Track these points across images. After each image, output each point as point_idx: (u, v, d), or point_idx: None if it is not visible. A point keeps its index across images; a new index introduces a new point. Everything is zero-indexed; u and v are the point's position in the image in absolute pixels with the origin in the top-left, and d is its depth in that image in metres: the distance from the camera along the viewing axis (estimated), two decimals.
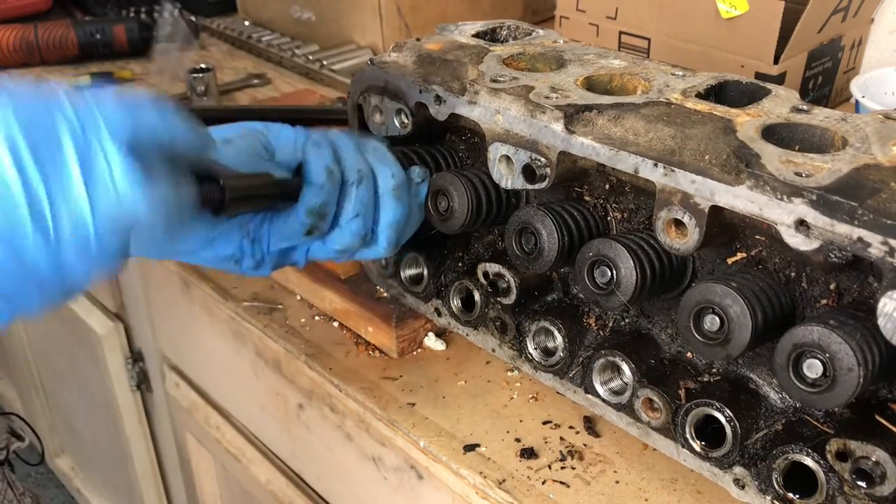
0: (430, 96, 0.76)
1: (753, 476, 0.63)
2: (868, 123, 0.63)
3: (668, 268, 0.65)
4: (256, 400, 1.08)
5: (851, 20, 1.32)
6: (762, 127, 0.63)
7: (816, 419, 0.62)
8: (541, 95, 0.69)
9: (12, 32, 1.62)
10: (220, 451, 1.26)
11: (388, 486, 0.89)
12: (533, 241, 0.69)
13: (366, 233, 0.71)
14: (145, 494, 1.77)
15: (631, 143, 0.64)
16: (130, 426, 1.65)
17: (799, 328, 0.55)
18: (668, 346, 0.71)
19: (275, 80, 1.58)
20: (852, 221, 0.52)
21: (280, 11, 1.76)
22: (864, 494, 0.57)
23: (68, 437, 2.19)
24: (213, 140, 0.63)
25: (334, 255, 0.72)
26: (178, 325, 1.23)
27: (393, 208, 0.72)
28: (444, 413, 0.81)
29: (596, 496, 0.71)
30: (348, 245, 0.71)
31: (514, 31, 0.89)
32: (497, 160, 0.71)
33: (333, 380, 0.87)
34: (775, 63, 1.21)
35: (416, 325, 0.89)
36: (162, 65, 1.42)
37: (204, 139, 0.61)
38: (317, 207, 0.67)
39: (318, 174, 0.67)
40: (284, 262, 0.72)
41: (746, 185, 0.56)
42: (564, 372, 0.75)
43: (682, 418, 0.66)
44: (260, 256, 0.70)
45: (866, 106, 1.17)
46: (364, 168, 0.70)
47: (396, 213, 0.72)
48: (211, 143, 0.63)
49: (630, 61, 0.78)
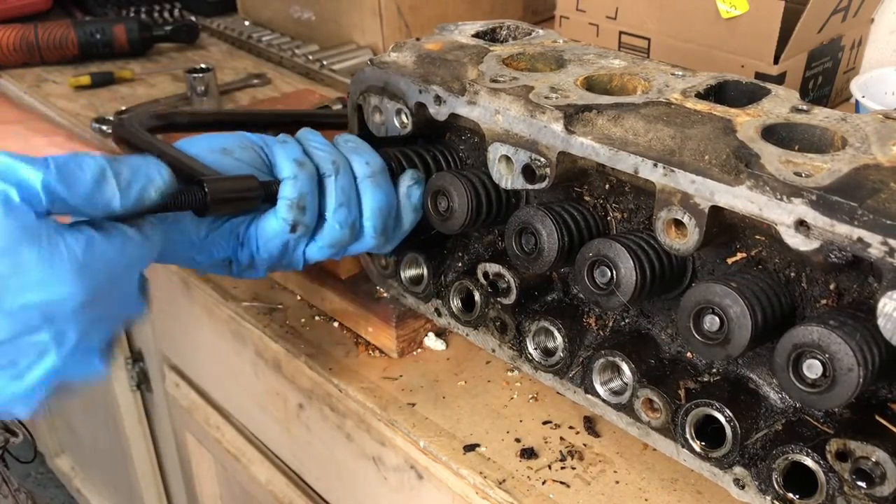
0: (429, 96, 0.76)
1: (753, 476, 0.63)
2: (868, 123, 0.63)
3: (667, 268, 0.65)
4: (256, 400, 1.08)
5: (851, 20, 1.32)
6: (762, 127, 0.63)
7: (816, 419, 0.62)
8: (540, 95, 0.69)
9: (12, 32, 1.62)
10: (220, 451, 1.26)
11: (388, 486, 0.89)
12: (533, 241, 0.69)
13: (353, 221, 0.72)
14: (145, 494, 1.77)
15: (631, 143, 0.64)
16: (130, 426, 1.66)
17: (799, 328, 0.55)
18: (668, 346, 0.71)
19: (275, 80, 1.59)
20: (852, 222, 0.52)
21: (280, 11, 1.76)
22: (864, 495, 0.57)
23: (68, 436, 2.20)
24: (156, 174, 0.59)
25: (328, 253, 0.73)
26: (178, 325, 1.23)
27: (373, 195, 0.72)
28: (444, 413, 0.81)
29: (596, 496, 0.71)
30: (339, 237, 0.72)
31: (513, 31, 0.89)
32: (497, 160, 0.71)
33: (333, 380, 0.87)
34: (775, 63, 1.21)
35: (416, 325, 0.89)
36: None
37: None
38: (294, 200, 0.68)
39: (288, 168, 0.68)
40: (280, 264, 0.73)
41: (746, 186, 0.56)
42: (564, 372, 0.75)
43: (682, 418, 0.66)
44: (250, 258, 0.71)
45: (866, 106, 1.17)
46: (338, 158, 0.71)
47: (378, 200, 0.73)
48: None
49: (630, 61, 0.78)
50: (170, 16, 1.93)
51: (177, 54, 1.74)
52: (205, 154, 0.70)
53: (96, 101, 1.52)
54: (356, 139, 0.76)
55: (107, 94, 1.55)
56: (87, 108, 1.48)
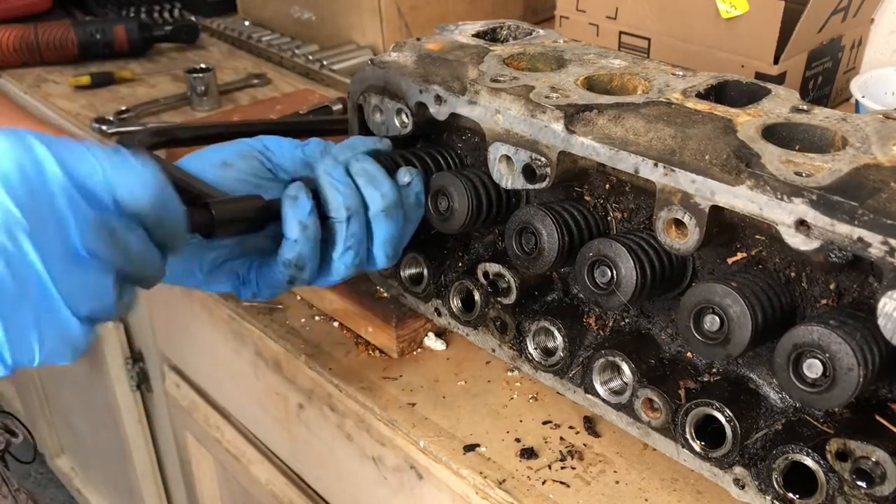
0: (430, 96, 0.76)
1: (753, 476, 0.63)
2: (868, 123, 0.63)
3: (668, 268, 0.65)
4: (256, 400, 1.08)
5: (851, 20, 1.32)
6: (762, 127, 0.63)
7: (816, 419, 0.62)
8: (541, 95, 0.69)
9: (12, 32, 1.62)
10: (220, 451, 1.26)
11: (388, 486, 0.89)
12: (533, 241, 0.69)
13: (361, 259, 0.72)
14: (145, 494, 1.77)
15: (631, 142, 0.64)
16: (130, 426, 1.66)
17: (799, 328, 0.55)
18: (668, 346, 0.71)
19: (275, 80, 1.59)
20: (852, 221, 0.52)
21: (280, 11, 1.76)
22: (864, 494, 0.56)
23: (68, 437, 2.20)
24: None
25: (334, 283, 0.73)
26: (178, 325, 1.23)
27: (386, 227, 0.72)
28: (444, 413, 0.81)
29: (596, 496, 0.71)
30: (345, 275, 0.72)
31: (514, 30, 0.89)
32: (497, 160, 0.71)
33: (333, 380, 0.87)
34: (775, 63, 1.21)
35: (416, 325, 0.89)
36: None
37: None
38: (292, 260, 0.68)
39: (291, 230, 0.68)
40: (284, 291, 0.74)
41: (746, 185, 0.56)
42: (564, 372, 0.75)
43: (682, 418, 0.66)
44: (252, 295, 0.73)
45: (866, 106, 1.17)
46: (353, 203, 0.70)
47: (390, 231, 0.72)
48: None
49: (630, 61, 0.78)
50: (170, 16, 1.93)
51: (177, 54, 1.74)
52: (207, 170, 0.70)
53: (96, 101, 1.52)
54: (371, 167, 0.72)
55: (107, 94, 1.55)
56: (87, 109, 1.48)
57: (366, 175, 0.72)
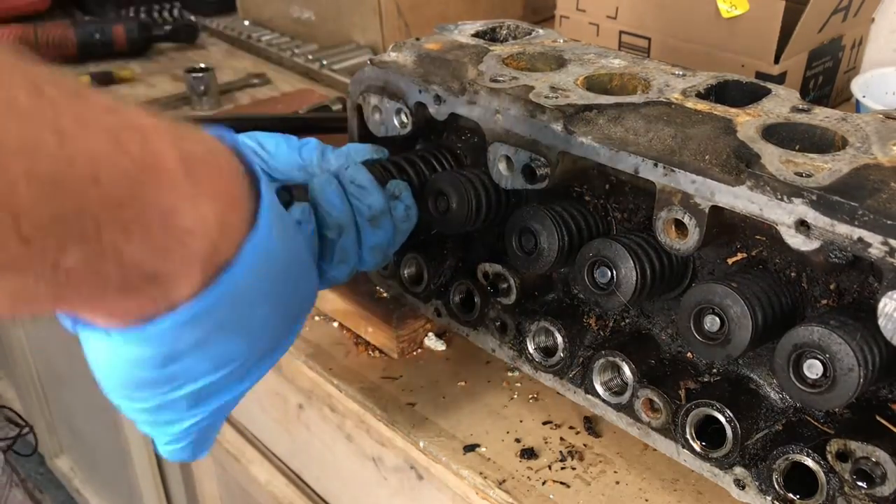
0: (429, 96, 0.76)
1: (754, 476, 0.63)
2: (868, 123, 0.63)
3: (668, 268, 0.65)
4: (256, 400, 1.08)
5: (852, 20, 1.32)
6: (762, 127, 0.63)
7: (817, 419, 0.62)
8: (541, 95, 0.69)
9: (11, 32, 1.62)
10: (220, 451, 1.25)
11: (388, 486, 0.89)
12: (533, 241, 0.69)
13: (351, 269, 0.72)
14: (145, 494, 1.77)
15: (631, 142, 0.64)
16: (130, 426, 1.65)
17: (799, 328, 0.55)
18: (669, 346, 0.71)
19: (275, 80, 1.58)
20: (852, 221, 0.52)
21: (280, 11, 1.76)
22: (865, 495, 0.56)
23: (68, 437, 2.20)
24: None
25: (325, 288, 0.74)
26: None
27: (372, 234, 0.73)
28: (444, 413, 0.81)
29: (596, 496, 0.71)
30: (335, 282, 0.72)
31: (513, 30, 0.89)
32: (497, 160, 0.71)
33: (333, 380, 0.87)
34: (776, 63, 1.21)
35: (416, 325, 0.88)
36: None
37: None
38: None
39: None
40: None
41: (747, 186, 0.56)
42: (564, 372, 0.75)
43: (682, 418, 0.65)
44: None
45: (867, 106, 1.17)
46: (345, 219, 0.71)
47: (377, 238, 0.73)
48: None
49: (630, 61, 0.78)
50: (169, 16, 1.93)
51: (176, 54, 1.74)
52: None
53: None
54: (362, 176, 0.73)
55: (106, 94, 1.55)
56: None
57: (356, 186, 0.73)
